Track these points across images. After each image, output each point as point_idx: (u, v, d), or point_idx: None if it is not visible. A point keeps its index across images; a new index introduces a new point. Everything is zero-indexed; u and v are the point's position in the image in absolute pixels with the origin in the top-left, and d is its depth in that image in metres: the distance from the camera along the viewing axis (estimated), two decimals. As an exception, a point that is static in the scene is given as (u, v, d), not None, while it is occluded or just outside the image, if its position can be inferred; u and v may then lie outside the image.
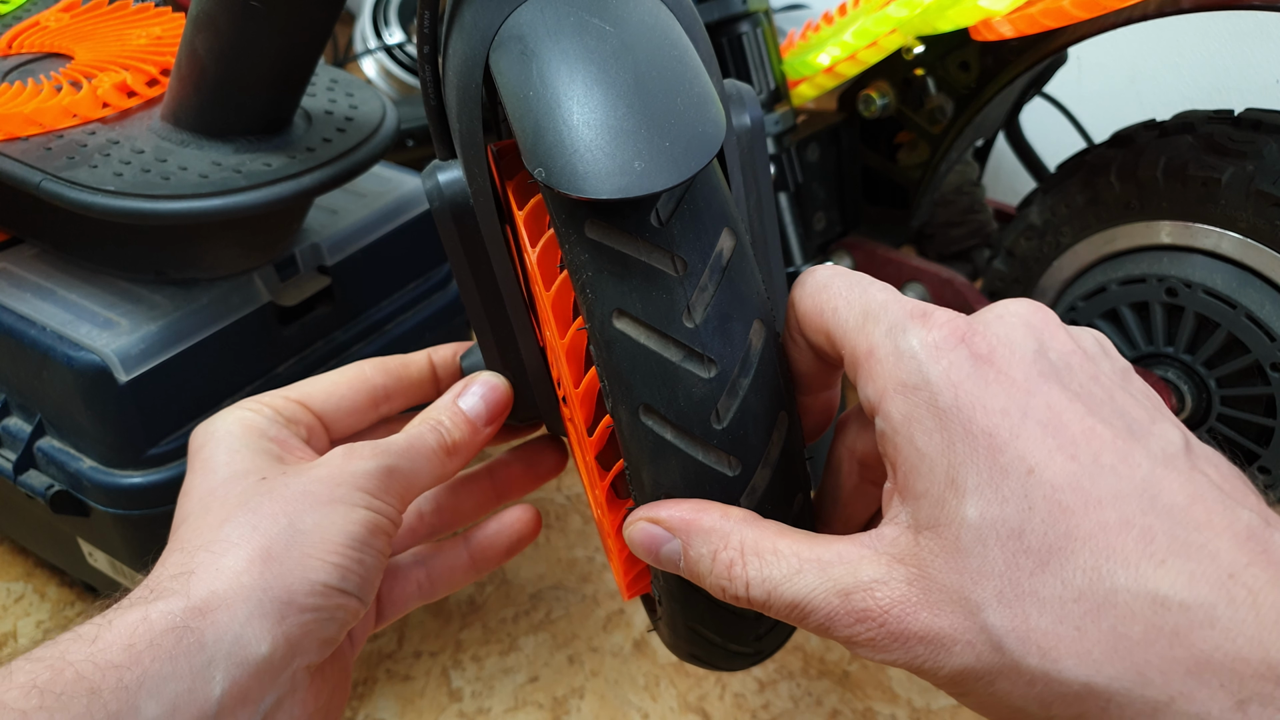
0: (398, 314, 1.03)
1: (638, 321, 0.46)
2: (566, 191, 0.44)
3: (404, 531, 0.67)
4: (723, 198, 0.48)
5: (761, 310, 0.48)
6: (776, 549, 0.44)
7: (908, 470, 0.42)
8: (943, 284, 1.15)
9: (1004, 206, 1.36)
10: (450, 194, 0.57)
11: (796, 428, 0.49)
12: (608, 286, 0.47)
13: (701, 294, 0.46)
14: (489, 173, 0.56)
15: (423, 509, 0.68)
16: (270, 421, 0.60)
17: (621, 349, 0.47)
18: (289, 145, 0.87)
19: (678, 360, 0.46)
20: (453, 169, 0.57)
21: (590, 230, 0.47)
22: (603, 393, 0.49)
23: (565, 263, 0.48)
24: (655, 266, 0.46)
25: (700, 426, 0.47)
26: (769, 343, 0.48)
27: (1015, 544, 0.39)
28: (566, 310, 0.54)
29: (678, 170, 0.45)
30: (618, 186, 0.44)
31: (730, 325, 0.47)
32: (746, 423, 0.47)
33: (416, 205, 1.03)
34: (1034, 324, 0.44)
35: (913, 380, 0.42)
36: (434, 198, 0.57)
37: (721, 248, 0.47)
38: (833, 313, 0.46)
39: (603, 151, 0.45)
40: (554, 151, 0.45)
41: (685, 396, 0.46)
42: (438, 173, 0.58)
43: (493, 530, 0.68)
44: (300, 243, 0.96)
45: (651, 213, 0.46)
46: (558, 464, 0.71)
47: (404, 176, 1.07)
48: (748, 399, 0.47)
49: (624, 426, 0.48)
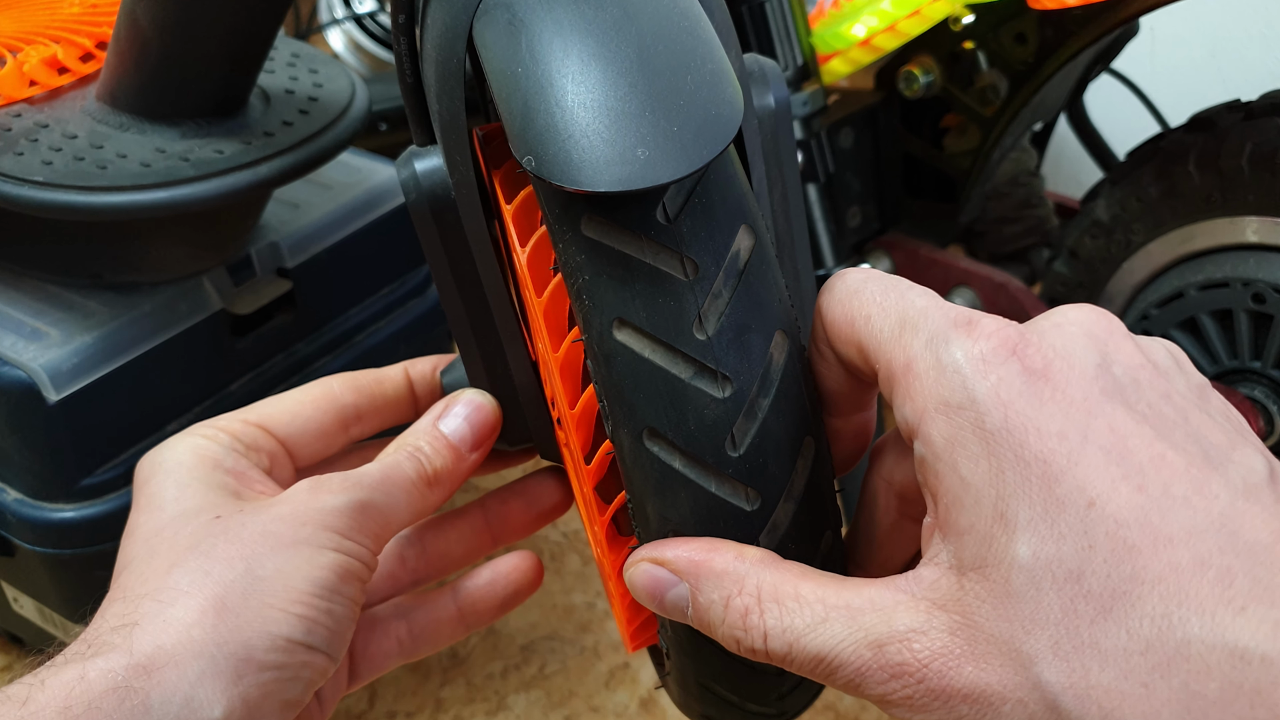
0: (369, 323, 1.04)
1: (641, 332, 0.46)
2: (559, 183, 0.44)
3: (381, 577, 0.67)
4: (740, 190, 0.48)
5: (784, 320, 0.48)
6: (799, 594, 0.44)
7: (950, 502, 0.42)
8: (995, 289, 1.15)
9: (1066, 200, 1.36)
10: (429, 185, 0.57)
11: (825, 455, 0.49)
12: (607, 292, 0.47)
13: (715, 301, 0.46)
14: (473, 161, 0.56)
15: (404, 552, 0.68)
16: (226, 449, 0.60)
17: (623, 364, 0.47)
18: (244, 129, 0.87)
19: (687, 377, 0.46)
20: (432, 156, 0.58)
21: (587, 228, 0.47)
22: (602, 414, 0.49)
23: (559, 265, 0.49)
24: (662, 269, 0.46)
25: (713, 453, 0.46)
26: (793, 357, 0.48)
27: (1073, 588, 0.39)
28: (561, 319, 0.53)
29: (688, 159, 0.44)
30: (618, 177, 0.44)
31: (748, 337, 0.47)
32: (766, 449, 0.47)
33: (390, 198, 1.04)
34: (1097, 334, 0.43)
35: (956, 398, 0.42)
36: (410, 189, 0.57)
37: (738, 248, 0.47)
38: (865, 321, 0.46)
39: (601, 137, 0.45)
40: (545, 137, 0.45)
41: (696, 419, 0.46)
42: (414, 161, 0.58)
43: (485, 580, 0.68)
44: (257, 241, 0.97)
45: (658, 208, 0.47)
46: (562, 501, 0.70)
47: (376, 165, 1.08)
48: (768, 422, 0.47)
49: (626, 453, 0.48)
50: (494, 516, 0.69)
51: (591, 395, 0.51)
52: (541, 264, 0.54)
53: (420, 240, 0.59)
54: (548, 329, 0.53)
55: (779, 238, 0.60)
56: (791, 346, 0.48)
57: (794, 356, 0.48)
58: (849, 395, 0.50)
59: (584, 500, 0.59)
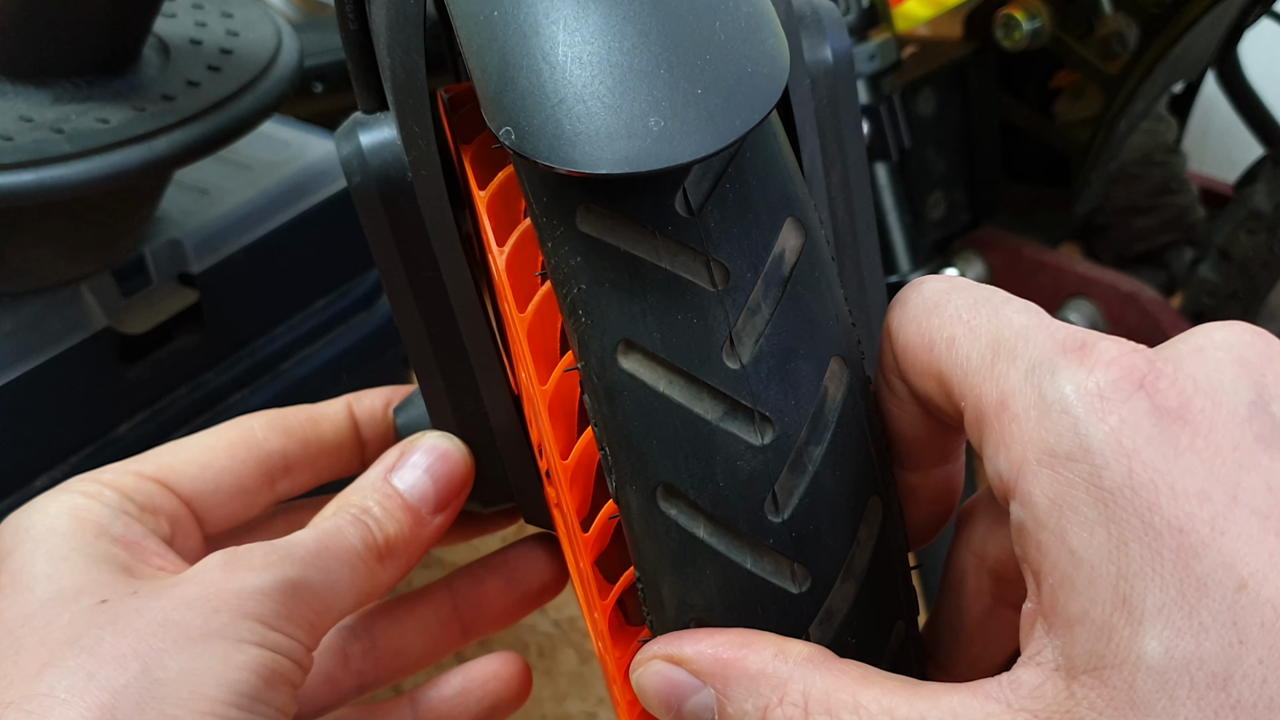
0: (300, 346, 1.04)
1: (655, 359, 0.46)
2: (547, 163, 0.44)
3: (318, 680, 0.66)
4: (785, 172, 0.49)
5: (842, 342, 0.48)
6: (859, 704, 0.44)
7: (1057, 582, 0.41)
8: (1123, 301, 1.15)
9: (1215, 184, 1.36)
10: (378, 165, 0.57)
11: (896, 521, 0.49)
12: (610, 306, 0.47)
13: (751, 318, 0.47)
14: (436, 133, 0.56)
15: (347, 647, 0.67)
16: (113, 512, 0.60)
17: (631, 400, 0.47)
18: (135, 92, 0.87)
19: (715, 419, 0.46)
20: (382, 127, 0.58)
21: (584, 222, 0.47)
22: (604, 467, 0.49)
23: (548, 270, 0.49)
24: (681, 276, 0.46)
25: (749, 518, 0.47)
26: (854, 392, 0.48)
27: (1218, 696, 0.38)
28: (551, 341, 0.53)
29: (716, 131, 0.45)
30: (625, 155, 0.44)
31: (795, 366, 0.47)
32: (819, 513, 0.47)
33: (327, 182, 1.04)
34: (1251, 361, 0.43)
35: (1065, 446, 0.42)
36: (354, 170, 0.58)
37: (782, 248, 0.47)
38: (947, 345, 0.46)
39: (602, 102, 0.45)
40: (529, 102, 0.45)
41: (726, 473, 0.46)
42: (359, 132, 0.58)
43: (455, 690, 0.68)
44: (153, 239, 0.97)
45: (676, 195, 0.47)
46: (553, 580, 0.70)
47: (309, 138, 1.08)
48: (821, 477, 0.47)
49: (635, 517, 0.48)
50: (464, 601, 0.69)
51: (590, 441, 0.52)
52: (525, 269, 0.54)
53: (367, 237, 0.59)
54: (533, 354, 0.53)
55: (837, 234, 0.60)
56: (852, 378, 0.48)
57: (855, 391, 0.48)
58: (928, 442, 0.50)
59: (581, 579, 0.59)
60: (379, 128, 0.58)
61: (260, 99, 0.90)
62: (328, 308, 1.05)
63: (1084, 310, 1.18)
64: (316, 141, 1.07)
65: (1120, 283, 1.17)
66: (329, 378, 1.04)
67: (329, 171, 1.04)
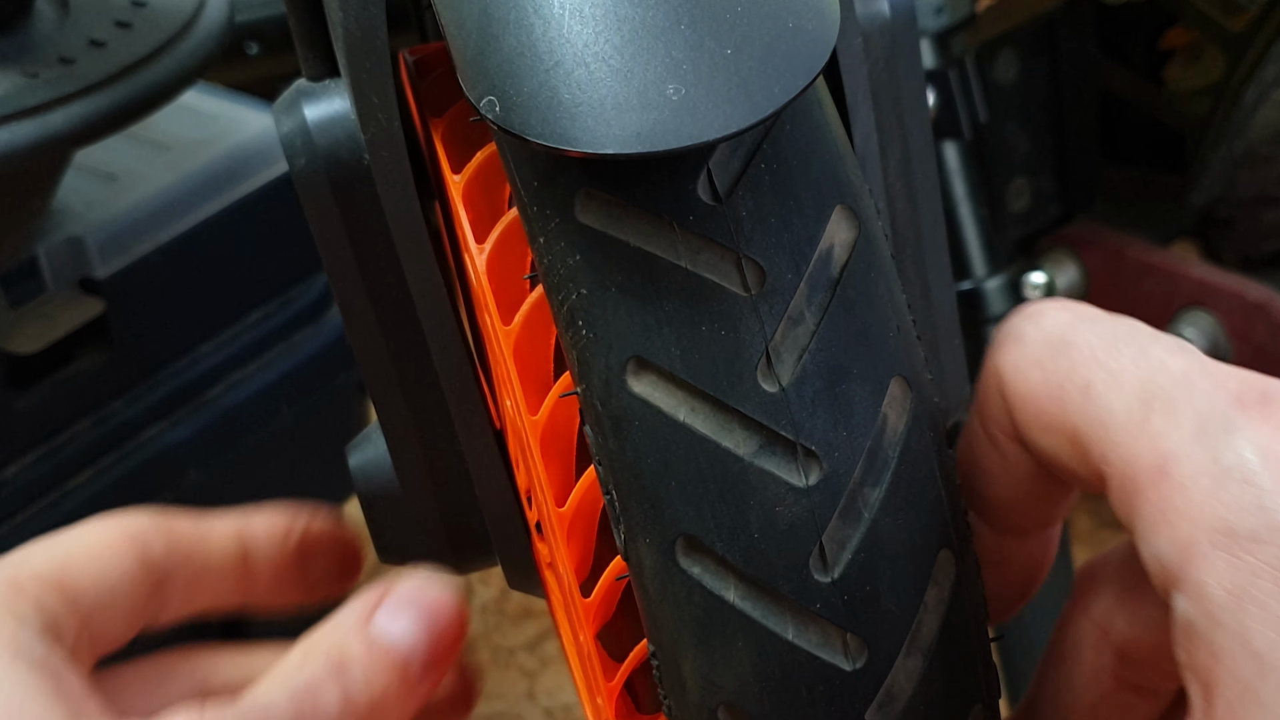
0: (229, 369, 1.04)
1: (673, 380, 0.47)
2: (540, 141, 0.45)
3: None
4: (833, 151, 0.49)
5: (904, 360, 0.48)
6: None
7: (1237, 697, 0.41)
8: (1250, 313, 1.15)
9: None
10: (327, 144, 0.58)
11: (972, 581, 0.49)
12: (618, 316, 0.47)
13: (793, 329, 0.47)
14: (400, 105, 0.56)
15: None
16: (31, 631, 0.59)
17: (644, 433, 0.47)
18: (25, 54, 0.87)
19: (748, 454, 0.46)
20: (332, 98, 0.58)
21: (585, 212, 0.47)
22: (609, 515, 0.49)
23: (540, 272, 0.49)
24: (706, 278, 0.46)
25: (791, 578, 0.47)
26: (920, 421, 0.48)
27: None
28: (543, 360, 0.54)
29: (750, 101, 0.45)
30: (637, 132, 0.44)
31: (847, 388, 0.47)
32: (877, 571, 0.47)
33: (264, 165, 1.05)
34: None
35: (1248, 524, 0.41)
36: (298, 151, 0.58)
37: (830, 243, 0.47)
38: (1083, 394, 0.46)
39: (608, 65, 0.45)
40: (517, 65, 0.45)
41: (763, 522, 0.46)
42: (304, 104, 0.58)
43: None
44: (47, 236, 0.97)
45: (700, 178, 0.47)
46: None
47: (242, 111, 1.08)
48: (880, 526, 0.47)
49: (649, 578, 0.48)
50: None
51: (592, 485, 0.52)
52: (511, 271, 0.54)
53: (314, 234, 0.59)
54: (521, 377, 0.54)
55: (896, 229, 0.60)
56: (917, 403, 0.48)
57: (921, 419, 0.48)
58: (1033, 505, 0.50)
59: (580, 656, 0.59)
60: (328, 98, 0.58)
61: (181, 62, 0.90)
62: (264, 322, 1.06)
63: (1202, 324, 1.18)
64: (251, 116, 1.08)
65: (1247, 290, 1.16)
66: (266, 409, 1.04)
67: (266, 152, 1.05)
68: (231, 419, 1.02)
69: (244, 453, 1.05)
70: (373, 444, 0.68)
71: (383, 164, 0.57)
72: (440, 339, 0.60)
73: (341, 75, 0.57)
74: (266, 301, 1.06)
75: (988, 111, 1.17)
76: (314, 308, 1.08)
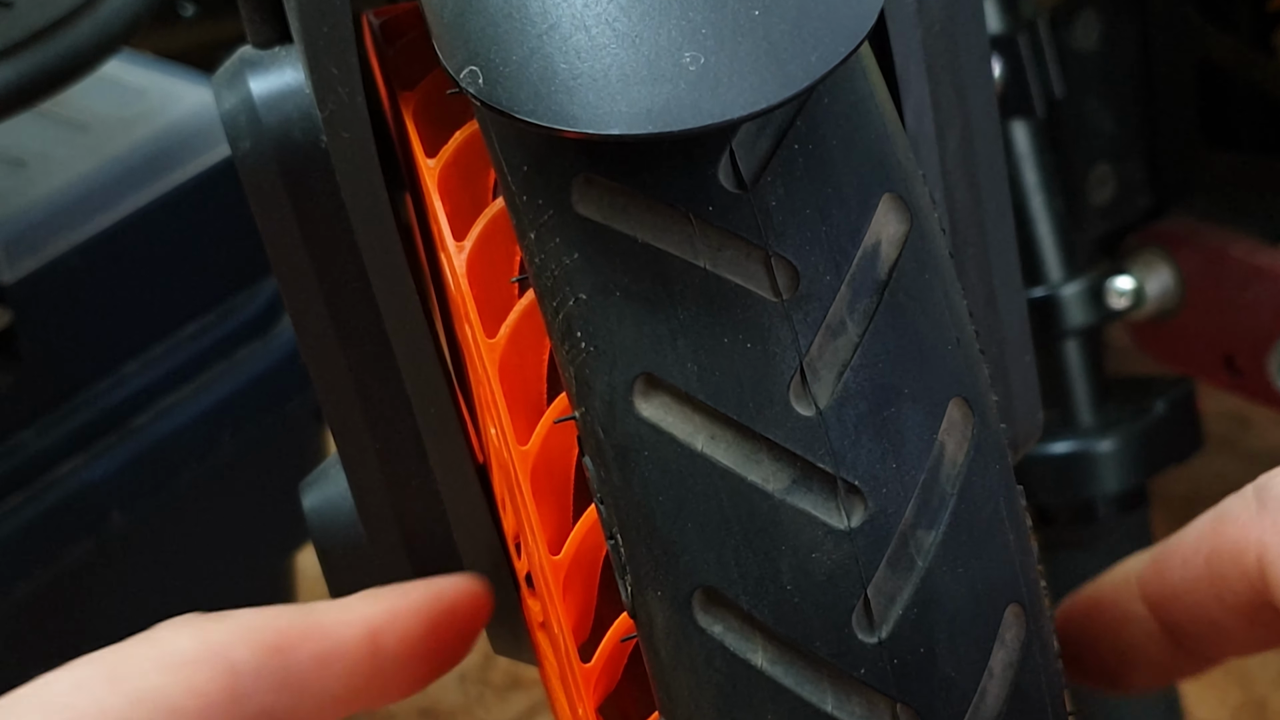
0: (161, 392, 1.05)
1: (690, 403, 0.47)
2: (531, 119, 0.45)
3: None
4: (881, 129, 0.49)
5: (966, 378, 0.48)
6: None
7: None
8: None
9: None
10: (277, 123, 0.58)
11: (1045, 642, 0.49)
12: (625, 326, 0.47)
13: (832, 342, 0.47)
14: (364, 77, 0.56)
15: None
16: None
17: (655, 465, 0.47)
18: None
19: (779, 490, 0.46)
20: (283, 68, 0.58)
21: (585, 202, 0.47)
22: (614, 564, 0.50)
23: (531, 275, 0.49)
24: (729, 280, 0.47)
25: (830, 638, 0.47)
26: (984, 451, 0.48)
27: None
28: (534, 380, 0.54)
29: (782, 71, 0.45)
30: (647, 108, 0.44)
31: (896, 411, 0.47)
32: (933, 629, 0.47)
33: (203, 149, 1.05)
34: None
35: None
36: (242, 132, 0.58)
37: (878, 238, 0.48)
38: None
39: (613, 28, 0.45)
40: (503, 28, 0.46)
41: (796, 571, 0.46)
42: (250, 76, 0.58)
43: None
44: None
45: (721, 161, 0.47)
46: None
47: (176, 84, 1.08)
48: (936, 576, 0.47)
49: (662, 638, 0.48)
50: None
51: (593, 528, 0.52)
52: (496, 274, 0.54)
53: (261, 230, 0.59)
54: (507, 399, 0.54)
55: (954, 223, 0.60)
56: (979, 429, 0.48)
57: (985, 449, 0.48)
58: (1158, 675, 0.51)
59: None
60: (278, 69, 0.58)
61: (101, 26, 0.90)
62: (203, 336, 1.06)
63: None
64: (186, 89, 1.08)
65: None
66: (204, 439, 1.05)
67: (204, 133, 1.05)
68: (163, 451, 1.02)
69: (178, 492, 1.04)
70: (331, 481, 0.68)
71: (343, 147, 0.57)
72: (412, 355, 0.60)
73: (294, 41, 0.57)
74: (205, 312, 1.06)
75: (1064, 84, 1.18)
76: (261, 319, 1.08)
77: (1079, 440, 1.30)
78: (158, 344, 1.05)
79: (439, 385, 0.61)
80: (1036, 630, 0.49)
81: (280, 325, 1.08)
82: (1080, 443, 1.30)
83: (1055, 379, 1.29)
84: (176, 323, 1.06)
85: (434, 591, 0.65)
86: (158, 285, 1.04)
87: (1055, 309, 1.20)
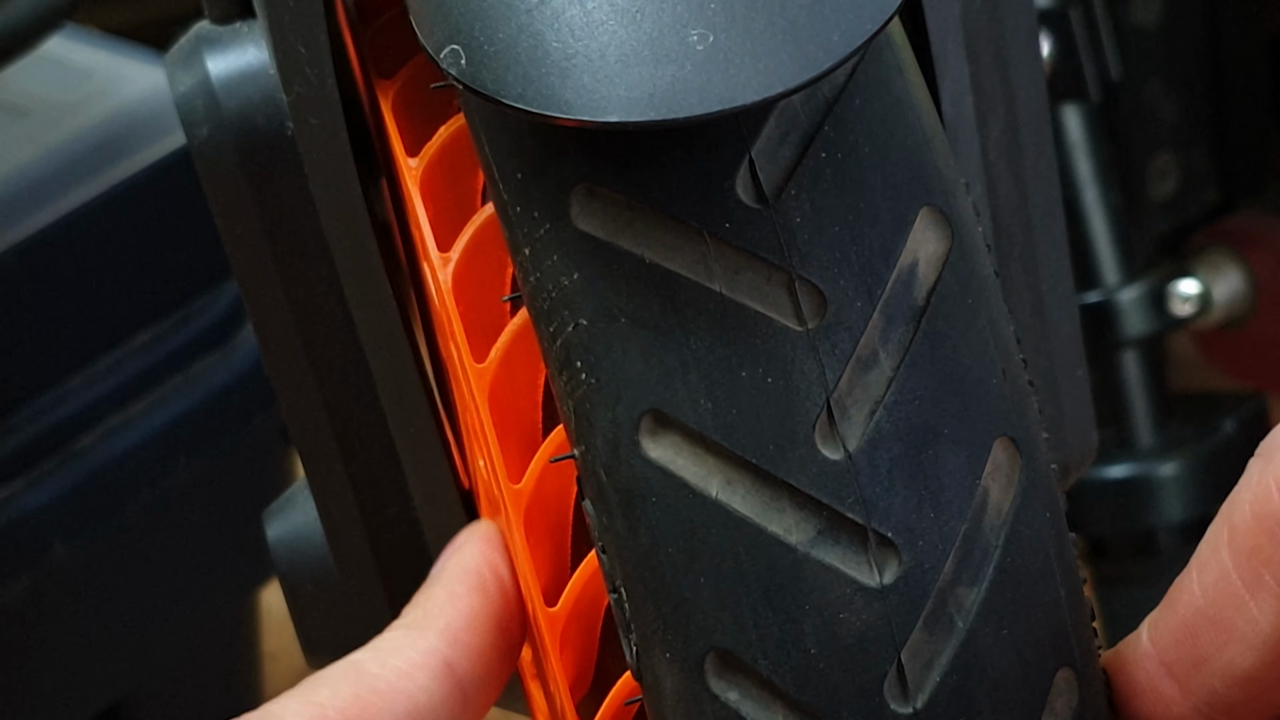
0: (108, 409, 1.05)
1: (703, 444, 0.47)
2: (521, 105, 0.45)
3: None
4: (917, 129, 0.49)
5: (1011, 415, 0.48)
6: None
7: None
8: None
9: None
10: (238, 109, 0.58)
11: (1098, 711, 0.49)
12: (630, 356, 0.47)
13: (863, 376, 0.47)
14: (336, 58, 0.56)
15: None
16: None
17: (664, 512, 0.47)
18: None
19: (803, 542, 0.46)
20: (244, 46, 0.58)
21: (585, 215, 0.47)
22: (617, 619, 0.50)
23: (525, 294, 0.49)
24: (747, 306, 0.47)
25: (858, 707, 0.47)
26: (1032, 498, 0.48)
27: None
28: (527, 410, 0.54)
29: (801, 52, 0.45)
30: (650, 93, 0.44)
31: (935, 454, 0.47)
32: (975, 699, 0.47)
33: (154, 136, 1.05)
34: None
35: None
36: (199, 116, 0.58)
37: (914, 258, 0.48)
38: None
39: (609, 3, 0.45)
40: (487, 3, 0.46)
41: (822, 633, 0.46)
42: (207, 55, 0.58)
43: None
44: None
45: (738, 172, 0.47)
46: None
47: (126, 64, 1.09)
48: (978, 640, 0.47)
49: (670, 703, 0.48)
50: None
51: (593, 577, 0.52)
52: (486, 291, 0.54)
53: (220, 228, 0.59)
54: (498, 432, 0.54)
55: (999, 224, 0.60)
56: (1028, 473, 0.48)
57: (1033, 495, 0.48)
58: None
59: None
60: (239, 47, 0.58)
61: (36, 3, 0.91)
62: (155, 346, 1.06)
63: None
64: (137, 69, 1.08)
65: None
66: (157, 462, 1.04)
67: (157, 119, 1.05)
68: (110, 475, 1.03)
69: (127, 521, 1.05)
70: (299, 509, 0.68)
71: (311, 135, 0.57)
72: (388, 372, 0.60)
73: (257, 16, 0.57)
74: (158, 319, 1.06)
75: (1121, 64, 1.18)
76: (221, 327, 1.08)
77: (1138, 463, 1.31)
78: (105, 355, 1.05)
79: (419, 402, 0.60)
80: (1089, 696, 0.49)
81: (242, 334, 1.08)
82: (1140, 466, 1.31)
83: (1112, 395, 1.29)
84: (126, 331, 1.06)
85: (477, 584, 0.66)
86: (105, 289, 1.04)
87: (1111, 316, 1.20)
